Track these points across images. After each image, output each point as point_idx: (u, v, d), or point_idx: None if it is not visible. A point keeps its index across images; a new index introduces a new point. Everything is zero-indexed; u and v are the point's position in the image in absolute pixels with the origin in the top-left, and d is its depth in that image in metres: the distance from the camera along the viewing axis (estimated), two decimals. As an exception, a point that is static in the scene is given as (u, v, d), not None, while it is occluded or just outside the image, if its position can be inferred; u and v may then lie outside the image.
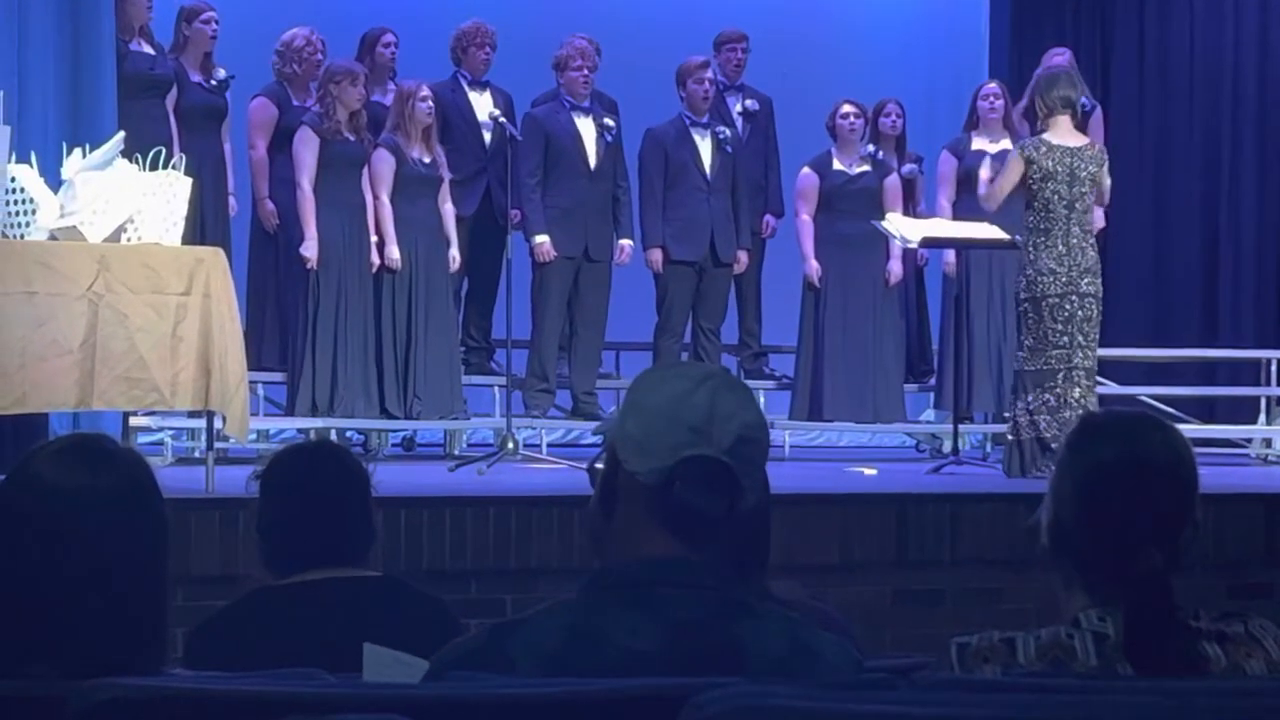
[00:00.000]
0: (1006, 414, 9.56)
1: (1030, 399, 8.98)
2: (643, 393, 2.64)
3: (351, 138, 9.85)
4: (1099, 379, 11.17)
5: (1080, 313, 8.92)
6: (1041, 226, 8.93)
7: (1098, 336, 9.08)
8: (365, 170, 9.93)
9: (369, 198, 9.93)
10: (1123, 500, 2.78)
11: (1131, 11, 12.60)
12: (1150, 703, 2.31)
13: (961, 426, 10.23)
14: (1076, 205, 8.94)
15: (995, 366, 10.82)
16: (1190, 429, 10.50)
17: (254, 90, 10.25)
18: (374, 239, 9.90)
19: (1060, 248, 8.90)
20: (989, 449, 10.98)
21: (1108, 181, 9.15)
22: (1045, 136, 9.02)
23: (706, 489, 2.59)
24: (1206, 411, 11.92)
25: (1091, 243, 9.03)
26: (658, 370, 2.66)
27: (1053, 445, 8.77)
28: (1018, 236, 9.26)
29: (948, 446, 10.38)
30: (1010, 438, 9.09)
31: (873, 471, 9.52)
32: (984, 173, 9.67)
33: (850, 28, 13.58)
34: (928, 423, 11.71)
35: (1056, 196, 8.91)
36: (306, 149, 9.76)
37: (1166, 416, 10.09)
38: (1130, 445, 2.83)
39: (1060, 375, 8.93)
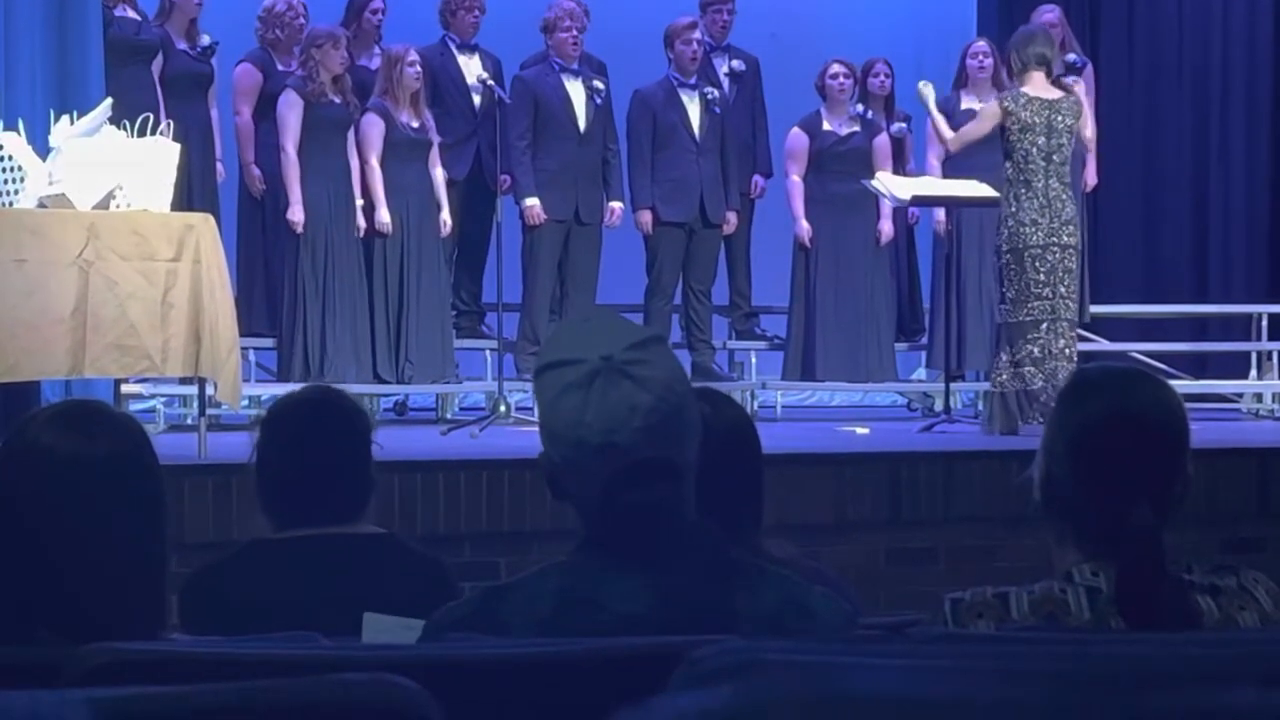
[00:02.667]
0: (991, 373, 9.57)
1: (1013, 351, 9.00)
2: (546, 410, 2.60)
3: (336, 100, 9.83)
4: (1091, 335, 11.23)
5: (1062, 264, 8.96)
6: (1021, 179, 8.97)
7: (1078, 288, 9.11)
8: (350, 134, 9.92)
9: (354, 161, 9.91)
10: (1115, 455, 2.79)
11: (1120, -34, 12.58)
12: (1143, 655, 2.32)
13: (953, 385, 10.25)
14: (1054, 157, 8.98)
15: (987, 324, 10.82)
16: (1182, 384, 10.50)
17: (239, 57, 10.23)
18: (360, 203, 9.89)
19: (1040, 199, 8.94)
20: (980, 407, 10.99)
21: (1090, 130, 9.17)
22: (1023, 89, 9.05)
23: (642, 491, 2.57)
24: (1198, 367, 11.95)
25: (1070, 195, 9.08)
26: (549, 373, 2.61)
27: (1040, 397, 8.80)
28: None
29: (939, 405, 10.39)
30: (995, 392, 9.10)
31: (865, 431, 9.53)
32: (945, 131, 9.61)
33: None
34: (919, 381, 11.71)
35: (1035, 149, 8.95)
36: (291, 112, 9.74)
37: (1158, 372, 10.13)
38: (1122, 400, 2.83)
39: (1044, 326, 8.95)
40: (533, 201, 10.31)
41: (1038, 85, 9.06)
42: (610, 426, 2.54)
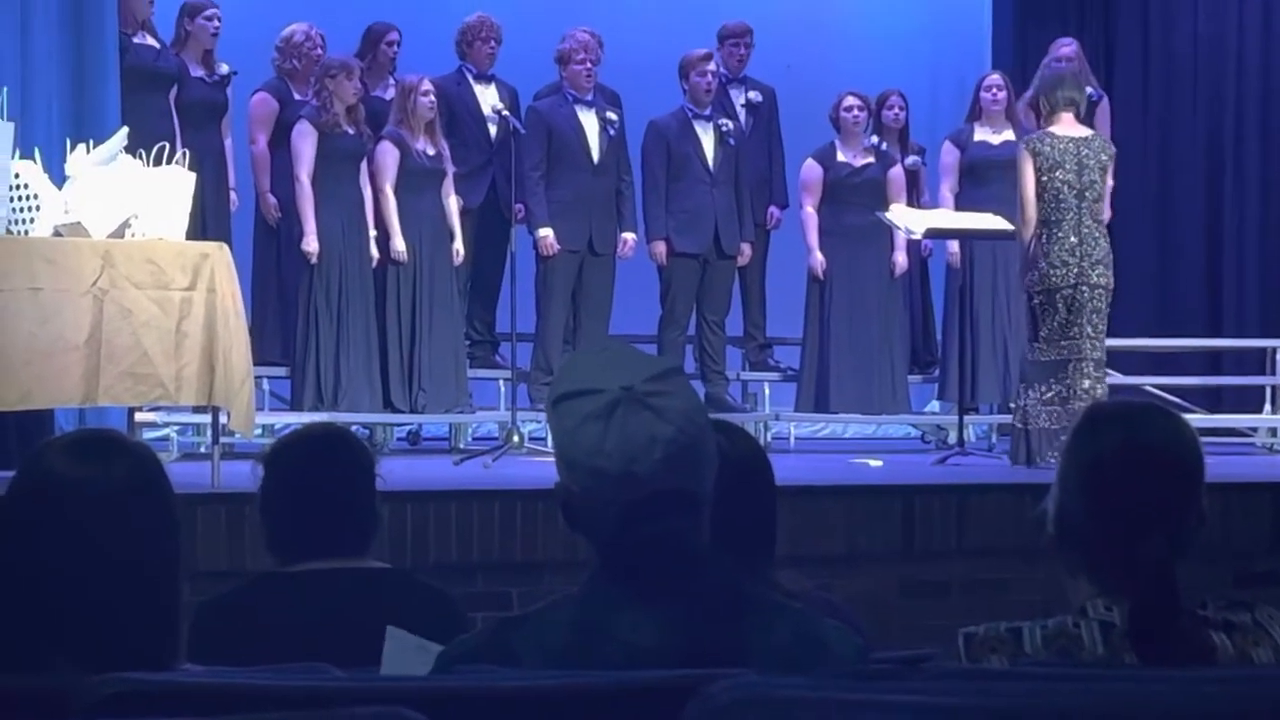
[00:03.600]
0: (1013, 404, 9.55)
1: (1042, 389, 8.97)
2: (564, 440, 2.60)
3: (350, 131, 9.85)
4: (1105, 369, 11.20)
5: (1091, 304, 8.92)
6: (1053, 218, 8.92)
7: (1105, 328, 9.08)
8: (363, 164, 9.94)
9: (367, 191, 9.93)
10: (1128, 489, 2.78)
11: (1135, 1, 12.58)
12: (1157, 692, 2.31)
13: (966, 417, 10.23)
14: (1086, 194, 8.93)
15: (1000, 357, 10.81)
16: (1196, 418, 10.48)
17: (255, 86, 10.26)
18: (373, 233, 9.91)
19: (1072, 238, 8.89)
20: (994, 440, 10.99)
21: (1110, 182, 9.15)
22: (1050, 130, 9.03)
23: (658, 522, 2.57)
24: (1212, 401, 11.93)
25: (1103, 233, 9.03)
26: (567, 403, 2.60)
27: (1061, 436, 8.78)
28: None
29: (953, 438, 10.38)
30: (1019, 426, 9.08)
31: (878, 463, 9.52)
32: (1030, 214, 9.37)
33: (853, 18, 13.56)
34: (933, 414, 11.70)
35: (1066, 186, 8.91)
36: (304, 142, 9.77)
37: (1172, 406, 10.10)
38: (1136, 434, 2.83)
39: (1070, 366, 8.93)
40: (546, 232, 10.33)
41: (1066, 125, 9.03)
42: (630, 457, 2.54)
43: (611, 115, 10.51)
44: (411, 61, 10.71)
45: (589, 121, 10.48)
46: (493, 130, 10.59)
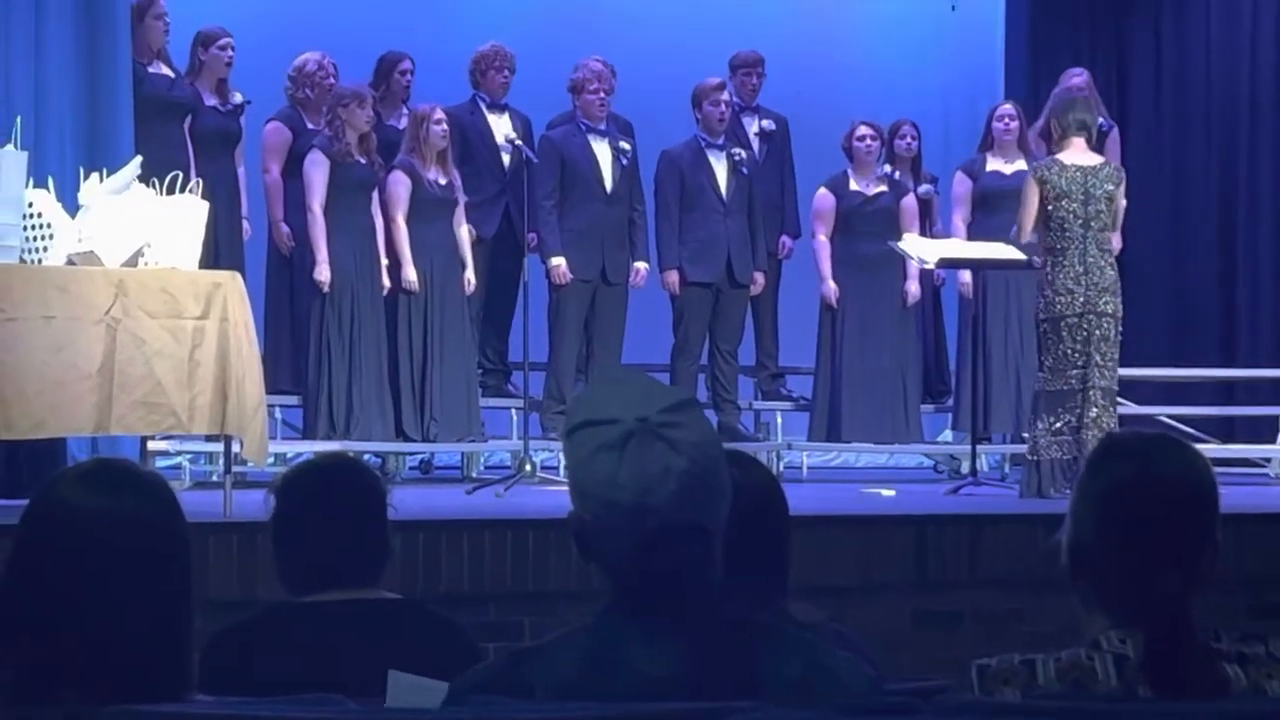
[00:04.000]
0: (1025, 434, 9.54)
1: (1051, 419, 8.97)
2: (578, 470, 2.59)
3: (362, 160, 9.87)
4: (1119, 399, 11.19)
5: (1098, 332, 8.91)
6: (1059, 246, 8.92)
7: (1117, 356, 9.06)
8: (375, 193, 9.95)
9: (379, 220, 9.94)
10: (1142, 521, 2.77)
11: (1147, 31, 12.59)
12: (1172, 725, 2.30)
13: (979, 447, 10.22)
14: (1093, 224, 8.93)
15: (1013, 387, 10.81)
16: (1209, 448, 10.47)
17: (269, 115, 10.28)
18: (385, 262, 9.92)
19: (1078, 267, 8.89)
20: (1007, 470, 10.97)
21: (1122, 203, 9.14)
22: (1059, 157, 9.03)
23: (672, 554, 2.56)
24: (1225, 431, 11.91)
25: (1110, 261, 9.02)
26: (582, 432, 2.60)
27: (1072, 467, 8.77)
28: (1035, 259, 9.21)
29: (966, 467, 10.36)
30: (1030, 458, 9.07)
31: (891, 493, 9.50)
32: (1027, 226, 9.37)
33: (865, 48, 13.57)
34: (945, 444, 11.69)
35: (1072, 215, 8.91)
36: (317, 172, 9.78)
37: (1185, 436, 10.08)
38: (1149, 465, 2.82)
39: (1079, 395, 8.91)
40: (559, 261, 10.34)
41: (1076, 151, 9.03)
42: (643, 488, 2.53)
43: (624, 144, 10.52)
44: (425, 90, 10.73)
45: (602, 151, 10.49)
46: (506, 159, 10.61)
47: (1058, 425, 8.95)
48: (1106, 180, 9.00)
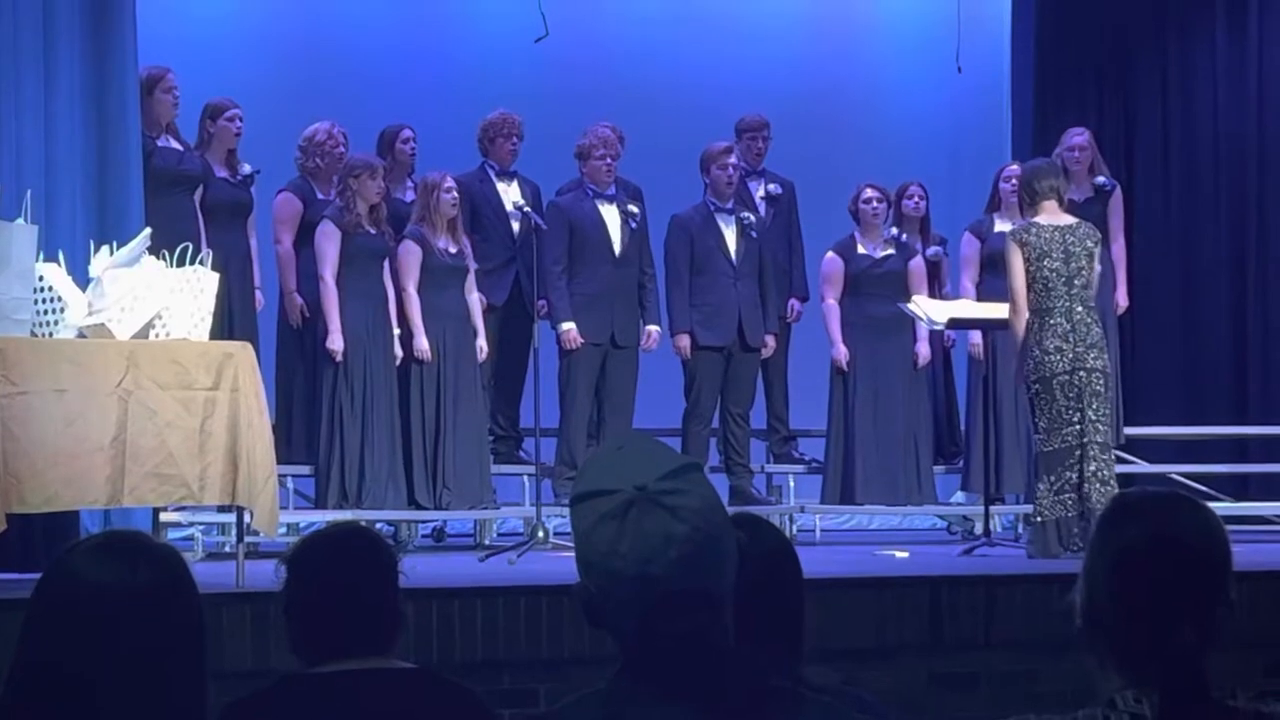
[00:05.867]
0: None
1: (1052, 479, 8.99)
2: (581, 540, 2.58)
3: (372, 231, 9.90)
4: (1131, 457, 11.19)
5: (1089, 388, 8.96)
6: (1044, 305, 8.99)
7: (1109, 410, 9.09)
8: (386, 263, 9.98)
9: (391, 290, 9.97)
10: (1155, 580, 2.77)
11: (1154, 91, 12.61)
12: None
13: (992, 508, 10.21)
14: (1075, 281, 9.01)
15: (1024, 447, 10.79)
16: (1223, 506, 10.46)
17: (279, 185, 10.31)
18: (397, 331, 9.94)
19: (1064, 325, 8.95)
20: (1020, 530, 10.95)
21: (1097, 266, 9.18)
22: (1034, 220, 9.11)
23: (679, 621, 2.55)
24: (1239, 488, 11.88)
25: (1095, 319, 9.09)
26: (583, 504, 2.60)
27: (1078, 524, 8.78)
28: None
29: (979, 528, 10.35)
30: (1036, 519, 9.08)
31: (904, 554, 9.49)
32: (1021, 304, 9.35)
33: (872, 111, 13.61)
34: (958, 505, 11.67)
35: (1055, 274, 8.98)
36: (328, 242, 9.81)
37: (1199, 494, 10.06)
38: (1161, 525, 2.82)
39: (1077, 452, 8.94)
40: (569, 325, 10.36)
41: (1050, 213, 9.12)
42: (645, 557, 2.52)
43: (633, 208, 10.55)
44: (434, 158, 10.76)
45: (610, 215, 10.52)
46: (515, 227, 10.63)
47: (1058, 484, 8.97)
48: (1085, 238, 9.08)
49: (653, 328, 10.65)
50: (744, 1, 13.39)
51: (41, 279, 7.20)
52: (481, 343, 10.20)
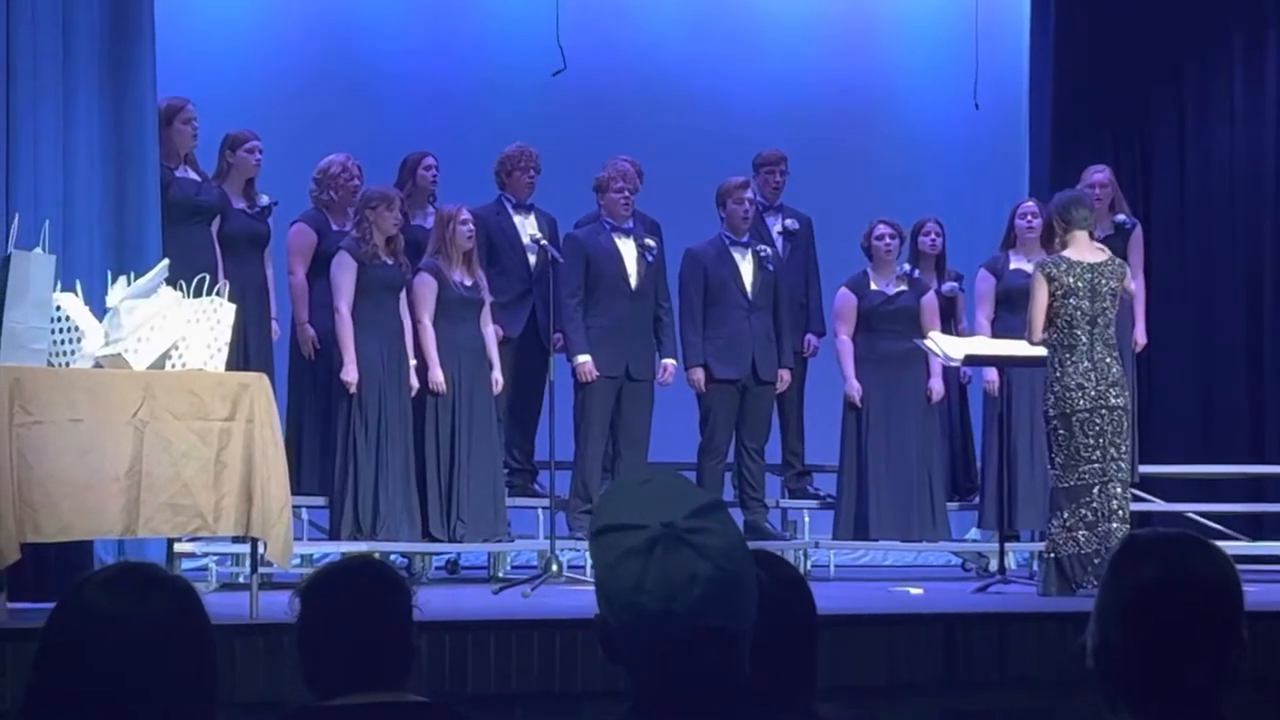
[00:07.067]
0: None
1: (1066, 515, 8.98)
2: (604, 574, 2.58)
3: (389, 262, 9.91)
4: (1146, 495, 11.17)
5: (1110, 426, 8.96)
6: (1066, 343, 8.98)
7: (1128, 448, 9.09)
8: (403, 294, 9.99)
9: (407, 321, 9.98)
10: (1168, 621, 2.77)
11: (1171, 128, 12.61)
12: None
13: (1007, 545, 10.19)
14: (1099, 320, 9.01)
15: (1039, 483, 10.76)
16: (1238, 546, 10.45)
17: (294, 216, 10.33)
18: (413, 362, 9.95)
19: (1085, 363, 8.95)
20: (1035, 567, 10.92)
21: (1133, 286, 9.17)
22: (1065, 253, 9.08)
23: (698, 659, 2.55)
24: (1254, 528, 11.84)
25: (1116, 356, 9.09)
26: (607, 536, 2.59)
27: (1094, 559, 8.76)
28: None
29: (994, 565, 10.33)
30: (1049, 555, 9.07)
31: (919, 591, 9.47)
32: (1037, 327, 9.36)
33: (891, 146, 13.62)
34: (973, 541, 11.65)
35: (1079, 312, 8.97)
36: (344, 274, 9.82)
37: (1214, 533, 10.05)
38: (1173, 566, 2.81)
39: (1095, 489, 8.94)
40: (584, 358, 10.36)
41: (1081, 247, 9.10)
42: (669, 594, 2.52)
43: (650, 242, 10.55)
44: (452, 192, 10.78)
45: (627, 249, 10.53)
46: (532, 260, 10.64)
47: (1072, 521, 8.96)
48: (1111, 276, 9.07)
49: (668, 361, 10.65)
50: (762, 37, 13.41)
51: (59, 309, 7.22)
52: (497, 375, 10.20)
